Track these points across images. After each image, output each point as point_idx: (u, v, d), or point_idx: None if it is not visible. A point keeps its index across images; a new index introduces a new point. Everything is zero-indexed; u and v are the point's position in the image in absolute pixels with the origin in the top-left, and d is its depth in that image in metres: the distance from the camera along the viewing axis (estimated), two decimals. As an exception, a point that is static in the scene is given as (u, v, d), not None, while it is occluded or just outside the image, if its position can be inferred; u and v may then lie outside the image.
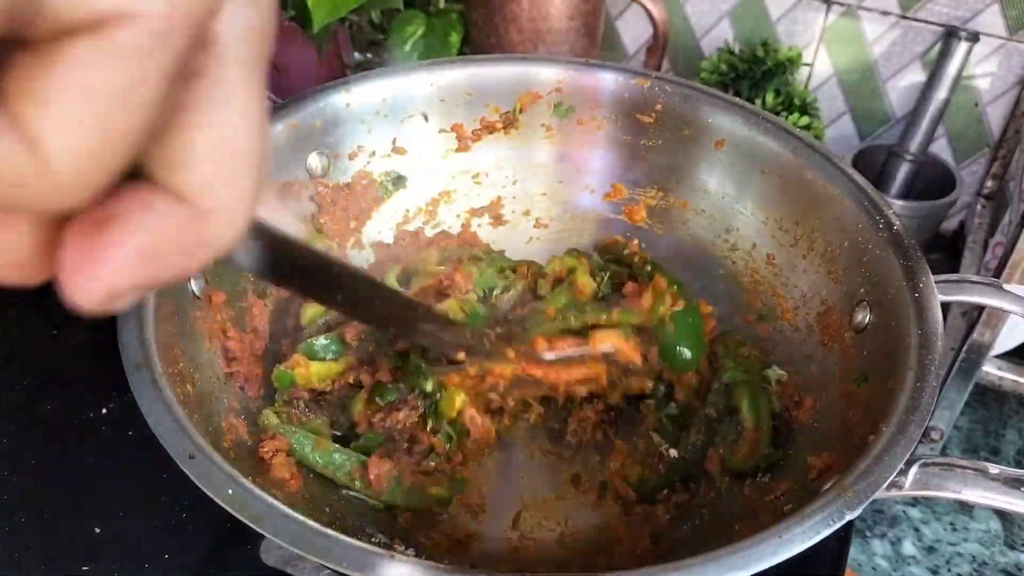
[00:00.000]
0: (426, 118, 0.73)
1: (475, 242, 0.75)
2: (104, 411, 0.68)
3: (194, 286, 0.57)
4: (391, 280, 0.67)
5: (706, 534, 0.56)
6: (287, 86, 1.12)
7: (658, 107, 0.71)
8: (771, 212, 0.67)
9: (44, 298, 0.78)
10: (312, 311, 0.65)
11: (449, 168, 0.75)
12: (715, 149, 0.69)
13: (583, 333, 0.60)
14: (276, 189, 0.65)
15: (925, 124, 0.97)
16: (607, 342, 0.58)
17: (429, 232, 0.74)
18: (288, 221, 0.66)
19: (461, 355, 0.55)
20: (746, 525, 0.53)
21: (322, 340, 0.62)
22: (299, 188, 0.66)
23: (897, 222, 0.57)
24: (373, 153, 0.72)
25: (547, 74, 0.73)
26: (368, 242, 0.72)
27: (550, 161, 0.76)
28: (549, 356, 0.57)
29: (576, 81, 0.73)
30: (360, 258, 0.71)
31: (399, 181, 0.73)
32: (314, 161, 0.68)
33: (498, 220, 0.77)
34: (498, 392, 0.58)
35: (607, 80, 0.72)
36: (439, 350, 0.56)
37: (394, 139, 0.72)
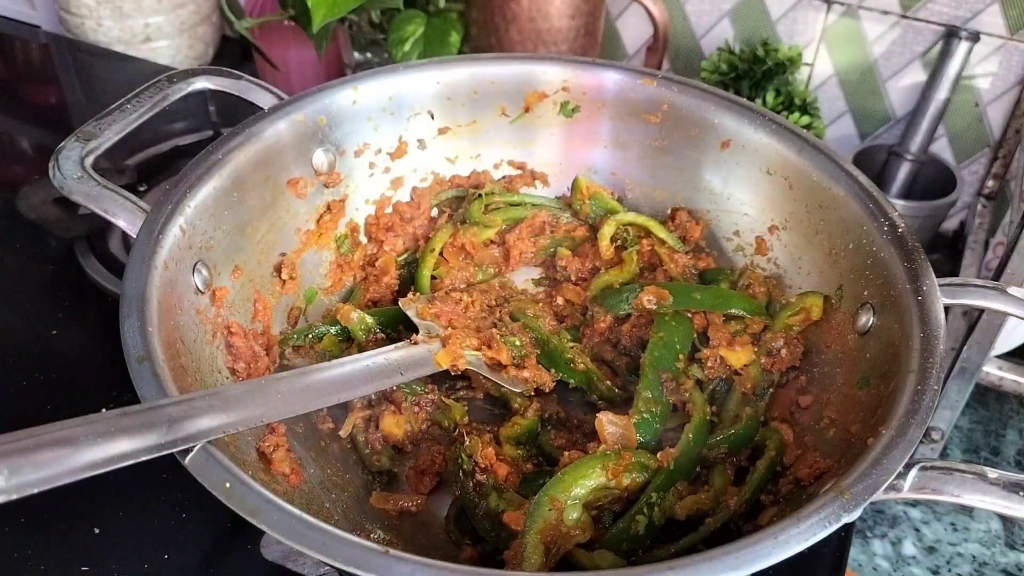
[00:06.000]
0: (432, 116, 0.73)
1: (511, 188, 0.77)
2: (103, 411, 0.68)
3: (197, 280, 0.57)
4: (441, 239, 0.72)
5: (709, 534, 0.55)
6: (287, 85, 1.13)
7: (664, 107, 0.71)
8: (776, 213, 0.67)
9: (44, 298, 0.78)
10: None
11: (456, 169, 0.76)
12: (721, 149, 0.69)
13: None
14: None
15: (925, 124, 0.97)
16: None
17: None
18: None
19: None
20: (746, 526, 0.53)
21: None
22: (305, 184, 0.66)
23: (902, 224, 0.57)
24: (379, 150, 0.72)
25: (553, 74, 0.73)
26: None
27: (556, 160, 0.77)
28: None
29: (582, 81, 0.73)
30: None
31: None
32: (319, 158, 0.68)
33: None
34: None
35: (613, 80, 0.72)
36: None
37: (399, 136, 0.72)
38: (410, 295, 0.66)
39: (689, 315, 0.64)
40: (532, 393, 0.63)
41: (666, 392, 0.60)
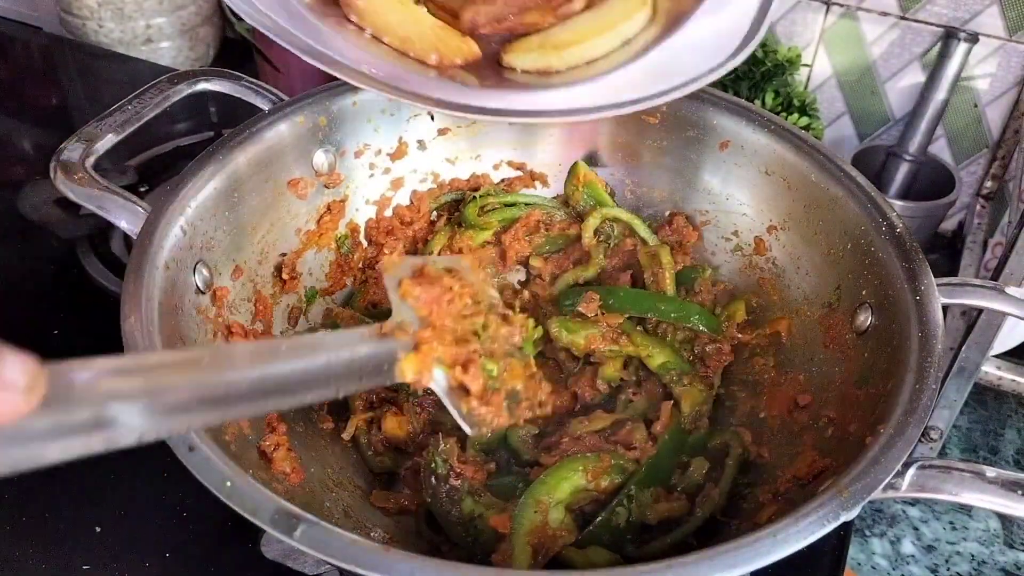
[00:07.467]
0: (432, 117, 0.73)
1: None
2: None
3: (198, 280, 0.57)
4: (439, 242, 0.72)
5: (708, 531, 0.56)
6: (287, 86, 1.13)
7: (663, 108, 0.71)
8: (775, 214, 0.67)
9: (46, 298, 0.78)
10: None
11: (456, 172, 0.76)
12: (720, 150, 0.70)
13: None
14: None
15: (924, 125, 0.97)
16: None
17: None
18: None
19: None
20: (745, 524, 0.53)
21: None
22: (305, 185, 0.67)
23: (900, 224, 0.57)
24: (379, 151, 0.72)
25: (552, 75, 0.73)
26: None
27: (556, 161, 0.77)
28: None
29: (582, 82, 0.73)
30: None
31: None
32: (320, 158, 0.68)
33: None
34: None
35: (612, 81, 0.72)
36: None
37: (399, 137, 0.72)
38: (395, 256, 0.62)
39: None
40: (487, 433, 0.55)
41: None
